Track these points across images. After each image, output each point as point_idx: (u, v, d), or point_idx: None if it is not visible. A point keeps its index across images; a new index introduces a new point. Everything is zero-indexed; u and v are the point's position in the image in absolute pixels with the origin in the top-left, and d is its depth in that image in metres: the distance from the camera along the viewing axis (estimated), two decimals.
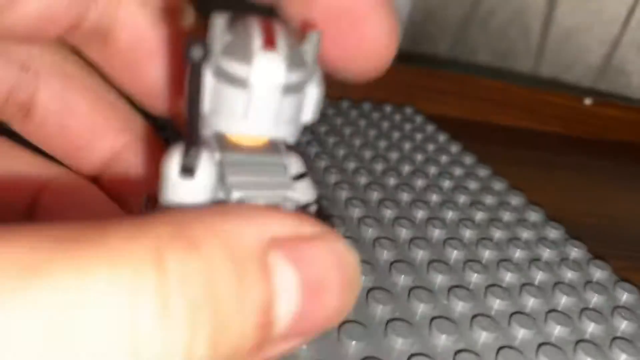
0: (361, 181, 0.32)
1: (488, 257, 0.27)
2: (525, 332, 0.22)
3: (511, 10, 0.56)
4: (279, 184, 0.15)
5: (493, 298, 0.24)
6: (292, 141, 0.15)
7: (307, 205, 0.16)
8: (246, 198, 0.14)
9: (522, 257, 0.27)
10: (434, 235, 0.28)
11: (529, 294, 0.24)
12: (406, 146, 0.38)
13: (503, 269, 0.26)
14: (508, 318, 0.23)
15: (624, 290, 0.26)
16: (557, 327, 0.23)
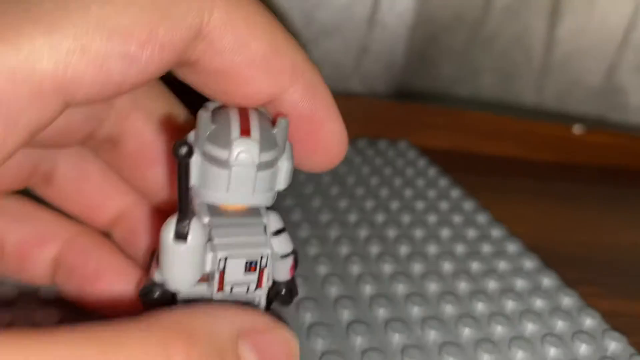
0: (351, 219, 0.35)
1: (463, 290, 0.29)
2: (489, 357, 0.25)
3: (513, 32, 0.58)
4: (257, 243, 0.18)
5: (463, 327, 0.26)
6: (269, 205, 0.19)
7: (286, 255, 0.19)
8: (229, 256, 0.18)
9: (496, 288, 0.30)
10: (414, 270, 0.30)
11: (497, 323, 0.27)
12: (397, 182, 0.40)
13: (475, 300, 0.28)
14: (474, 346, 0.26)
15: (590, 317, 0.28)
16: (519, 352, 0.25)
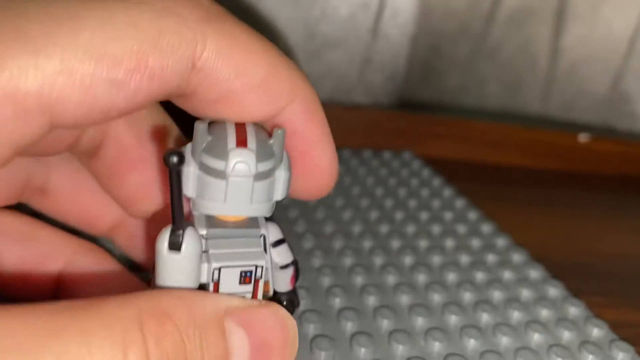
0: (355, 230, 0.35)
1: (468, 300, 0.29)
2: None
3: (518, 42, 0.59)
4: (252, 254, 0.18)
5: (467, 338, 0.26)
6: (268, 216, 0.18)
7: (285, 266, 0.19)
8: (223, 267, 0.17)
9: (501, 298, 0.30)
10: (419, 280, 0.30)
11: (503, 334, 0.27)
12: (401, 192, 0.40)
13: (480, 311, 0.28)
14: (479, 357, 0.25)
15: (597, 327, 0.28)
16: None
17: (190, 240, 0.16)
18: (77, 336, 0.13)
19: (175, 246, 0.16)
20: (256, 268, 0.18)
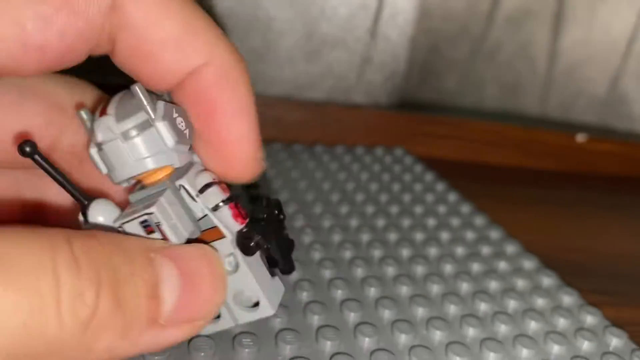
0: (353, 224, 0.35)
1: (465, 290, 0.29)
2: (495, 356, 0.25)
3: (516, 43, 0.59)
4: (145, 207, 0.18)
5: (467, 327, 0.26)
6: (179, 165, 0.19)
7: (215, 207, 0.19)
8: (123, 223, 0.18)
9: (497, 288, 0.30)
10: (417, 272, 0.31)
11: (501, 322, 0.27)
12: (395, 187, 0.41)
13: (478, 300, 0.28)
14: (479, 345, 0.26)
15: (590, 314, 0.28)
16: (524, 350, 0.25)
17: (92, 212, 0.18)
18: (8, 239, 0.14)
19: (85, 217, 0.18)
20: (149, 215, 0.18)
